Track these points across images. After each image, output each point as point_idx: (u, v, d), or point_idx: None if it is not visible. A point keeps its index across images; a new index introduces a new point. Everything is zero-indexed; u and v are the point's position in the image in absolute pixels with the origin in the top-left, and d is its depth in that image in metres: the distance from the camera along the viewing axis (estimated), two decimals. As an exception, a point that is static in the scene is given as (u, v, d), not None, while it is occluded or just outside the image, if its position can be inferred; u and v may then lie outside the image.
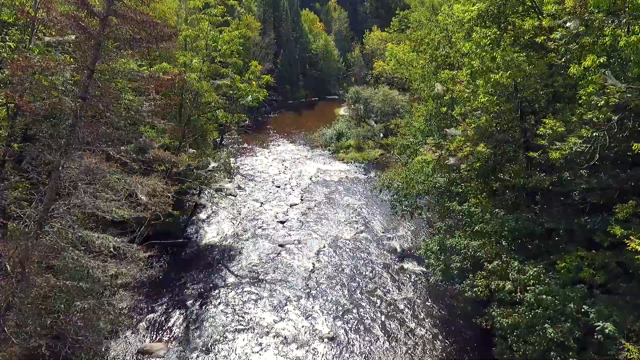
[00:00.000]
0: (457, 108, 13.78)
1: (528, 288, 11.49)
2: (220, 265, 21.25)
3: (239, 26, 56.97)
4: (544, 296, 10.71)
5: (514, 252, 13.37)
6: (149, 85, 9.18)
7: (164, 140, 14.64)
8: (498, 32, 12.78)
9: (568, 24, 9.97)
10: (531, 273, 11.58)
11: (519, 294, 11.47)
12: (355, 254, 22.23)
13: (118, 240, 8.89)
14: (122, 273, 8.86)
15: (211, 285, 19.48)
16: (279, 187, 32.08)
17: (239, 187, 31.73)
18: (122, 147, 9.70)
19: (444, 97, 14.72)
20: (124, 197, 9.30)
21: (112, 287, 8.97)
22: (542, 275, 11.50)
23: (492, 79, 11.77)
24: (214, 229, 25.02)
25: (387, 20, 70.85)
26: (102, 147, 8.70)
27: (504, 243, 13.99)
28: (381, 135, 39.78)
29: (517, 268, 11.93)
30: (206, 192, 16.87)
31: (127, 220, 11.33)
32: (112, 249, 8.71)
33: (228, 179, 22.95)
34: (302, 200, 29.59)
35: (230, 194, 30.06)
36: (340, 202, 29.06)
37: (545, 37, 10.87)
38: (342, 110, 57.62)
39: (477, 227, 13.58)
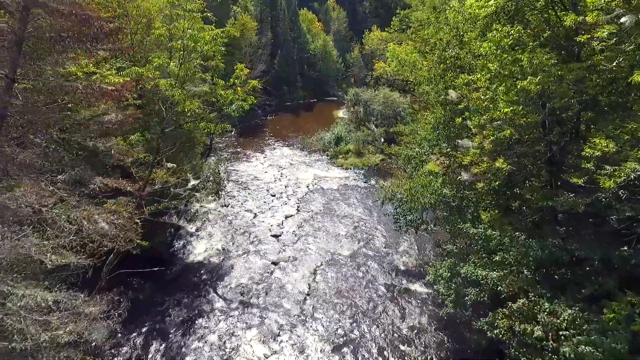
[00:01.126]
0: (474, 118, 12.02)
1: (562, 334, 9.65)
2: (207, 287, 19.37)
3: (235, 24, 55.26)
4: (585, 348, 8.86)
5: (539, 284, 11.53)
6: (89, 98, 7.38)
7: (137, 154, 12.85)
8: (522, 31, 10.93)
9: (623, 19, 8.17)
10: (565, 317, 9.75)
11: (551, 342, 9.64)
12: (354, 273, 20.37)
13: (57, 293, 7.06)
14: (68, 331, 7.07)
15: (196, 311, 17.61)
16: (274, 196, 30.22)
17: (232, 197, 29.89)
18: (59, 177, 7.88)
19: (459, 105, 12.94)
20: (71, 234, 7.48)
21: (54, 347, 7.24)
22: (578, 319, 9.67)
23: (519, 86, 9.93)
24: (203, 245, 23.14)
25: (387, 20, 68.95)
26: (30, 177, 6.89)
27: (525, 272, 12.16)
28: (382, 140, 37.94)
29: (547, 309, 10.10)
30: (192, 210, 15.15)
31: (95, 251, 9.54)
32: (50, 303, 6.93)
33: (212, 196, 21.01)
34: (298, 210, 27.73)
35: (222, 205, 28.26)
36: (339, 212, 27.21)
37: (588, 36, 9.04)
38: (341, 113, 55.80)
39: (497, 257, 11.74)
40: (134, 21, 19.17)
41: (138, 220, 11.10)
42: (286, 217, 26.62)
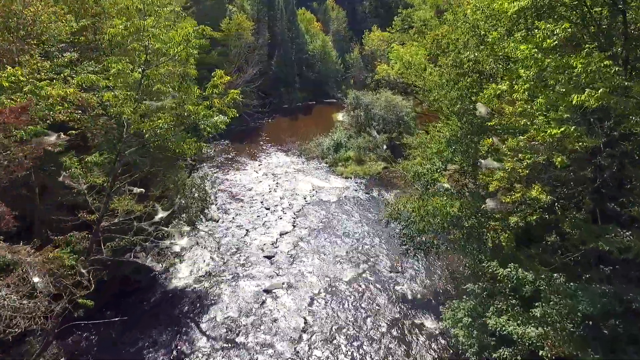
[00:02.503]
0: (509, 140, 9.77)
1: None
2: (189, 321, 17.07)
3: (229, 24, 52.79)
4: None
5: (589, 347, 9.27)
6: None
7: (93, 179, 10.59)
8: (570, 30, 8.65)
9: None
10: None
11: None
12: (356, 304, 18.07)
13: None
14: None
15: (175, 353, 15.31)
16: (268, 209, 27.89)
17: (223, 210, 27.58)
18: None
19: (490, 123, 10.67)
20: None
21: None
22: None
23: (574, 100, 7.66)
24: (187, 267, 20.83)
25: (387, 19, 66.76)
26: None
27: (570, 326, 9.87)
28: (384, 147, 35.62)
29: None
30: (163, 246, 12.88)
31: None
32: None
33: (187, 227, 18.56)
34: (294, 226, 25.41)
35: (212, 219, 25.96)
36: (339, 229, 24.89)
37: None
38: (341, 116, 53.43)
39: (536, 312, 9.47)
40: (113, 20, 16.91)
41: (85, 271, 8.83)
42: (281, 235, 24.31)
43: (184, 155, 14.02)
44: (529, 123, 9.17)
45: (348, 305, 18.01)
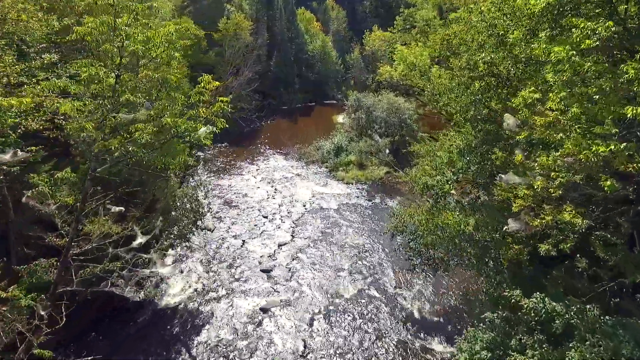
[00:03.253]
0: (542, 157, 8.50)
1: None
2: (179, 344, 15.79)
3: (227, 23, 51.44)
4: None
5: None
6: None
7: (63, 199, 9.32)
8: (614, 28, 7.38)
9: None
10: None
11: None
12: (359, 324, 16.79)
13: None
14: None
15: (162, 382, 14.04)
16: (266, 217, 26.60)
17: (218, 218, 26.31)
18: None
19: (519, 137, 9.41)
20: None
21: None
22: None
23: (629, 112, 6.41)
24: (179, 283, 19.54)
25: (388, 19, 65.53)
26: None
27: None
28: (387, 151, 34.32)
29: None
30: (143, 275, 11.48)
31: None
32: None
33: (181, 242, 17.40)
34: (293, 237, 24.12)
35: (207, 228, 24.67)
36: (340, 240, 23.60)
37: None
38: (341, 118, 52.17)
39: (574, 355, 8.20)
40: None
41: (44, 313, 7.57)
42: (279, 246, 23.02)
43: (169, 169, 12.74)
44: (564, 137, 7.91)
45: (350, 325, 16.73)
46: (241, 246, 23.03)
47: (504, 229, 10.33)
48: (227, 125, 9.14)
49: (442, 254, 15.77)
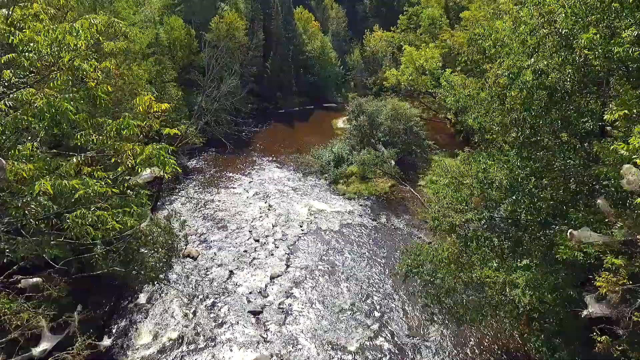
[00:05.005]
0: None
1: None
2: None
3: (220, 22, 48.21)
4: None
5: None
6: None
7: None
8: None
9: None
10: None
11: None
12: (368, 390, 13.71)
13: None
14: None
15: None
16: (257, 241, 23.51)
17: (203, 241, 23.21)
18: None
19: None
20: None
21: None
22: None
23: None
24: (150, 329, 16.43)
25: (389, 19, 62.69)
26: None
27: None
28: (392, 162, 31.22)
29: None
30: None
31: None
32: None
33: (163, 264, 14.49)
34: (287, 266, 21.02)
35: (189, 256, 21.60)
36: (342, 271, 20.50)
37: None
38: (341, 122, 49.05)
39: None
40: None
41: None
42: (271, 278, 19.92)
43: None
44: None
45: (357, 392, 13.66)
46: (228, 278, 19.93)
47: (583, 314, 7.25)
48: (178, 169, 6.05)
49: (470, 307, 12.68)
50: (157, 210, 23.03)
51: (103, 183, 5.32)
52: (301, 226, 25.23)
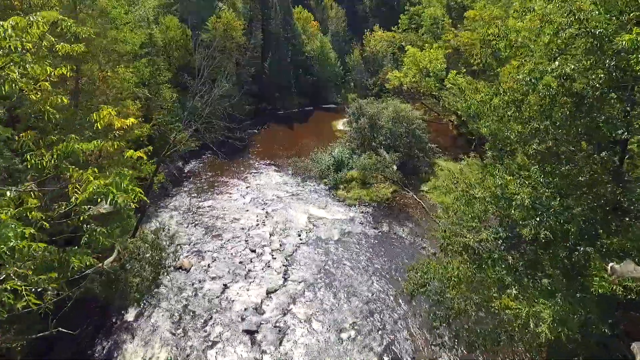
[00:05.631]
0: None
1: None
2: None
3: (217, 22, 47.08)
4: None
5: None
6: None
7: None
8: None
9: None
10: None
11: None
12: (372, 421, 12.60)
13: None
14: None
15: None
16: (254, 251, 22.39)
17: (195, 252, 22.09)
18: None
19: None
20: None
21: None
22: None
23: None
24: (137, 348, 15.31)
25: (389, 19, 61.54)
26: None
27: None
28: (394, 167, 30.11)
29: None
30: None
31: None
32: None
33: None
34: (285, 279, 19.90)
35: (182, 267, 20.49)
36: (343, 285, 19.38)
37: None
38: (341, 124, 47.89)
39: None
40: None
41: None
42: (268, 293, 18.79)
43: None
44: None
45: None
46: (221, 293, 18.81)
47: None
48: (144, 199, 4.97)
49: (484, 333, 11.57)
50: (144, 222, 21.86)
51: (34, 230, 4.18)
52: (299, 235, 24.12)
